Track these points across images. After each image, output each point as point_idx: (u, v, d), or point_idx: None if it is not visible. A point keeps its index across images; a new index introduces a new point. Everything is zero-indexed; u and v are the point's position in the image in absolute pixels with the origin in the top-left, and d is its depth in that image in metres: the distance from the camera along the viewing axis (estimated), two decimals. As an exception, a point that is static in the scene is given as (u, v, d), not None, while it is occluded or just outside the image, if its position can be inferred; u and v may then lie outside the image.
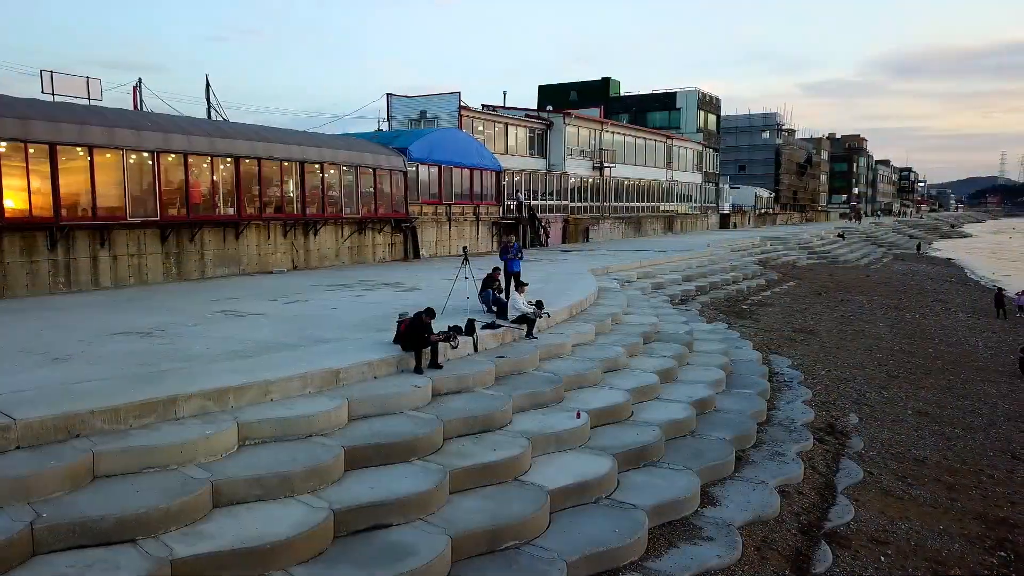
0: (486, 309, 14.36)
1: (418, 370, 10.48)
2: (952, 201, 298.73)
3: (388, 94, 38.07)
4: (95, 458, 7.16)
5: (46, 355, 10.30)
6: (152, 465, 7.37)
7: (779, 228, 74.93)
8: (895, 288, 39.29)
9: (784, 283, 35.34)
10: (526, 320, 13.25)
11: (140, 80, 37.78)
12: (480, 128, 37.72)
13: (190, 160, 20.12)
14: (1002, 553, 9.56)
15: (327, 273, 22.87)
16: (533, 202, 38.01)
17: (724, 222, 69.68)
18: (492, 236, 34.27)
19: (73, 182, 17.79)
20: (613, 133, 48.11)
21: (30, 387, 8.45)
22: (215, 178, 20.99)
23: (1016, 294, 32.04)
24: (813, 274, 41.49)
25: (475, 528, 7.56)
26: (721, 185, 70.64)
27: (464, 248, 15.37)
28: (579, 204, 43.92)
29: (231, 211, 21.45)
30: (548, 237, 38.11)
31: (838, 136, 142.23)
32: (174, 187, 19.97)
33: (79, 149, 17.74)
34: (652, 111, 64.41)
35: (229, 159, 21.14)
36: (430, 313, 10.72)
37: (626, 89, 71.39)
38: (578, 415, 10.39)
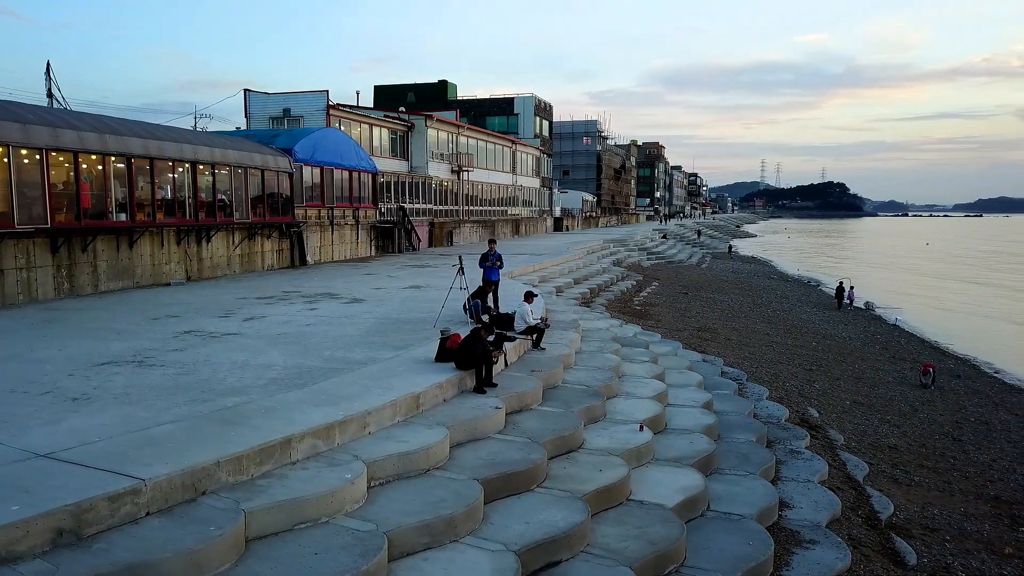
0: (474, 320, 13.79)
1: (479, 389, 9.86)
2: (729, 204, 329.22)
3: (246, 90, 35.40)
4: (247, 519, 6.05)
5: (53, 394, 8.49)
6: (303, 520, 6.35)
7: (607, 230, 78.61)
8: (738, 286, 42.47)
9: (650, 283, 37.07)
10: (536, 330, 12.88)
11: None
12: (344, 128, 36.20)
13: (81, 159, 17.54)
14: (1022, 528, 10.61)
15: (229, 284, 20.86)
16: (402, 205, 37.12)
17: (558, 225, 72.00)
18: (371, 241, 33.00)
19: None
20: (468, 137, 48.05)
21: (96, 437, 6.95)
22: (107, 180, 18.45)
23: (848, 289, 36.05)
24: (664, 274, 43.85)
25: (640, 557, 7.22)
26: (554, 190, 72.91)
27: (459, 257, 14.63)
28: (441, 207, 43.57)
29: (123, 217, 18.96)
30: (420, 241, 37.37)
31: (640, 143, 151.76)
32: (63, 190, 17.29)
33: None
34: (491, 116, 65.02)
35: (121, 159, 18.65)
36: (488, 329, 10.12)
37: (461, 93, 71.66)
38: (641, 428, 10.26)
